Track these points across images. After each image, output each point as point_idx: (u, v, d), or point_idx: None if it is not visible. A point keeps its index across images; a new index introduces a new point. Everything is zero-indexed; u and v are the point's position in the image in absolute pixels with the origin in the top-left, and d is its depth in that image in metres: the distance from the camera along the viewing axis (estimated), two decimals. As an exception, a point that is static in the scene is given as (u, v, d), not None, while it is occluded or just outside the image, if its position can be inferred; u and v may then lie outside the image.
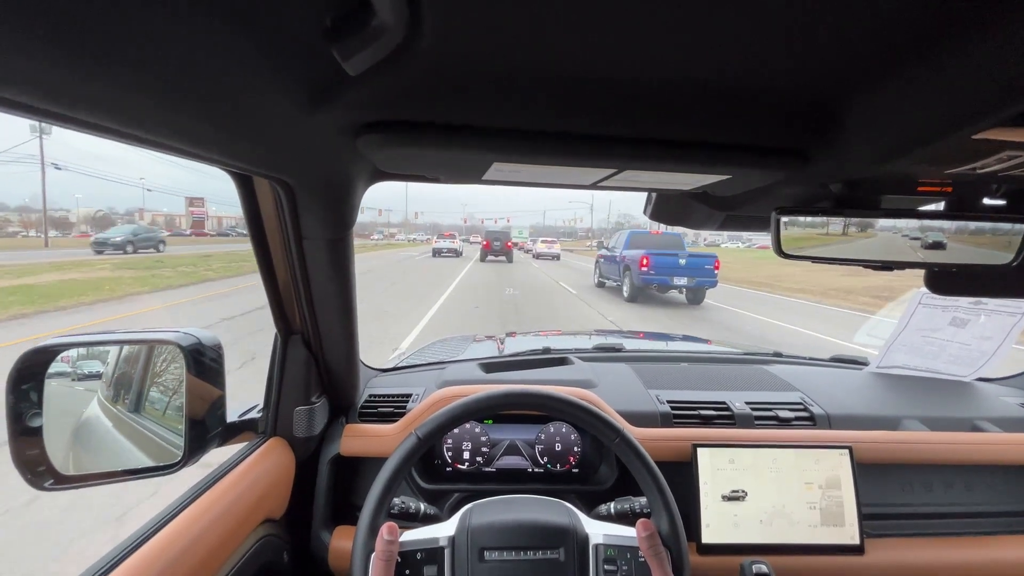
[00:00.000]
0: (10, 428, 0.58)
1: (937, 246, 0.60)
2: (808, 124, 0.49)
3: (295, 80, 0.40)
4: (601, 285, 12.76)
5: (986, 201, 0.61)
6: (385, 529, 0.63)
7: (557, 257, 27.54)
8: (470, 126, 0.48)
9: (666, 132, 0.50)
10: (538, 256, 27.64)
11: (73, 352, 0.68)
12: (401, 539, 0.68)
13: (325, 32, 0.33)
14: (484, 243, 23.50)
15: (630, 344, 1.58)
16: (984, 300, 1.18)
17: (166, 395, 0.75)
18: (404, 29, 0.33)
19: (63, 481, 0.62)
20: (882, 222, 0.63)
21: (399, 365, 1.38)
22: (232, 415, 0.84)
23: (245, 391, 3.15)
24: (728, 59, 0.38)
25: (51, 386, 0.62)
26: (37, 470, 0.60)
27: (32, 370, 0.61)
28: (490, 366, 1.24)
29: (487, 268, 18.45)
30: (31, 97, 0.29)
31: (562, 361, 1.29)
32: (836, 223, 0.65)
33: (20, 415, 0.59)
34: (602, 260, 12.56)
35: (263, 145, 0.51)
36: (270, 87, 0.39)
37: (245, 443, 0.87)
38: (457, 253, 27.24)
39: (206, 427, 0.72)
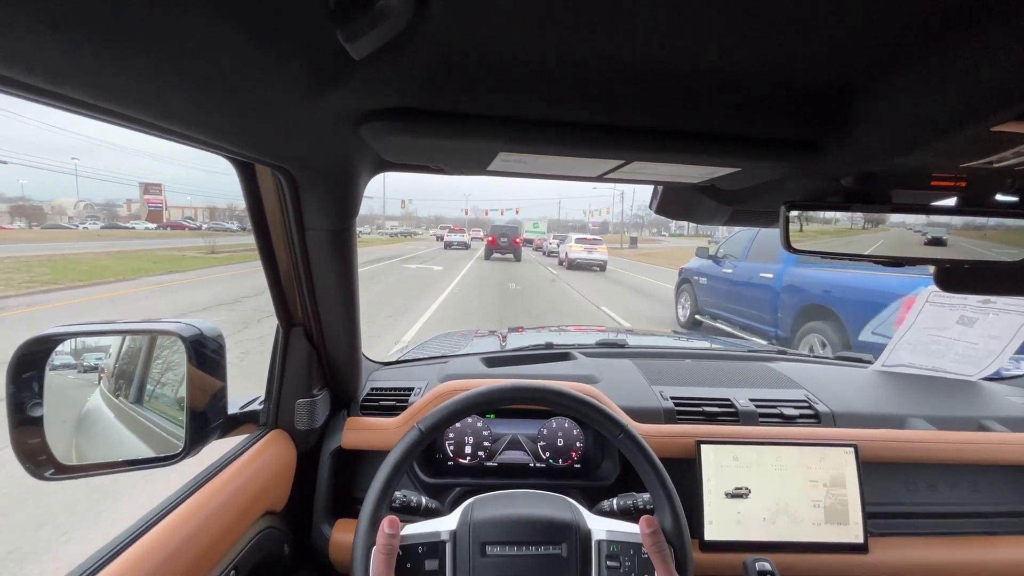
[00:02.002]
0: (11, 418, 0.58)
1: (937, 242, 0.59)
2: (820, 115, 0.48)
3: (298, 63, 0.39)
4: (696, 325, 7.00)
5: (1000, 197, 0.60)
6: (386, 523, 0.63)
7: (602, 267, 18.03)
8: (476, 115, 0.47)
9: (675, 123, 0.49)
10: (572, 265, 17.97)
11: (74, 342, 0.67)
12: (402, 532, 0.67)
13: (330, 13, 0.32)
14: (489, 239, 21.40)
15: (633, 340, 1.57)
16: (993, 298, 1.17)
17: (167, 386, 0.75)
18: (410, 11, 0.32)
19: (64, 471, 0.61)
20: (893, 217, 0.62)
21: (401, 359, 1.38)
22: (233, 407, 0.84)
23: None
24: (740, 49, 0.37)
25: (52, 376, 0.62)
26: (38, 460, 0.59)
27: (33, 359, 0.60)
28: (492, 360, 1.23)
29: (488, 278, 12.98)
30: (35, 79, 0.29)
31: (565, 356, 1.28)
32: (846, 218, 0.64)
33: (21, 404, 0.59)
34: (702, 280, 6.78)
35: (265, 131, 0.50)
36: (273, 70, 0.38)
37: (246, 435, 0.86)
38: (466, 246, 29.54)
39: (207, 418, 0.72)
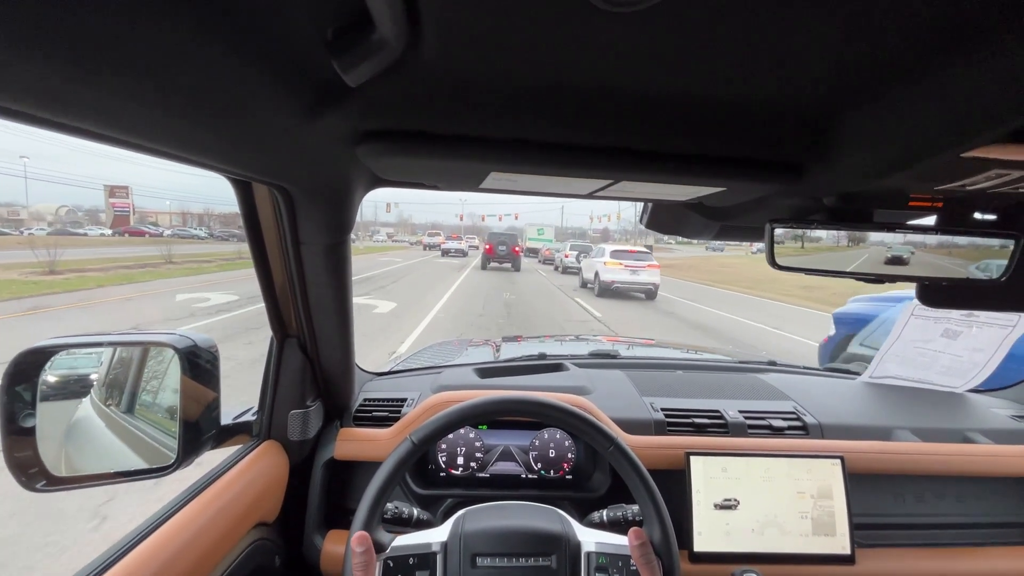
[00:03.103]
0: (3, 428, 0.58)
1: (898, 261, 0.61)
2: (802, 139, 0.50)
3: (296, 90, 0.40)
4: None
5: (976, 216, 0.62)
6: (354, 540, 0.63)
7: (650, 294, 12.30)
8: (468, 136, 0.49)
9: (663, 144, 0.51)
10: (604, 290, 12.20)
11: (68, 353, 0.68)
12: (394, 544, 0.68)
13: (327, 44, 0.33)
14: (487, 247, 20.43)
15: (625, 351, 1.58)
16: (976, 312, 1.19)
17: (160, 397, 0.75)
18: (404, 43, 0.34)
19: (56, 482, 0.61)
20: (875, 235, 0.64)
21: (394, 369, 1.38)
22: (227, 418, 0.84)
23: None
24: (725, 75, 0.39)
25: (45, 387, 0.62)
26: (30, 471, 0.59)
27: (26, 370, 0.60)
28: (485, 371, 1.24)
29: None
30: (32, 105, 0.30)
31: (557, 367, 1.29)
32: (830, 235, 0.66)
33: (13, 415, 0.59)
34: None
35: (263, 152, 0.51)
36: (272, 96, 0.39)
37: (239, 446, 0.86)
38: (463, 253, 30.33)
39: (200, 429, 0.72)
